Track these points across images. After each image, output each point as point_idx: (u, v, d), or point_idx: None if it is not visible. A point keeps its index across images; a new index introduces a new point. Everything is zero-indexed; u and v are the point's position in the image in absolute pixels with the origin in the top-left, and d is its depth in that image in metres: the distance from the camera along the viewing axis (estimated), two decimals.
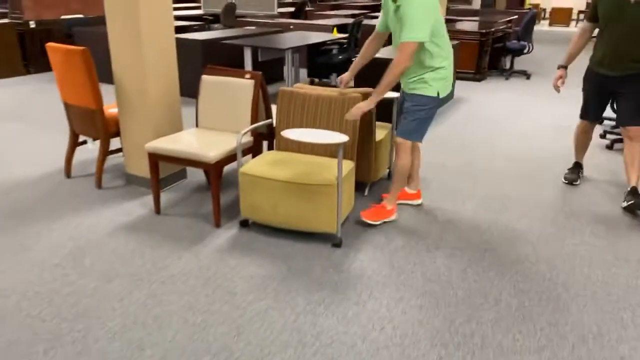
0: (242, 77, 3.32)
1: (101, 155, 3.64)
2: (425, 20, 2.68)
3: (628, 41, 3.25)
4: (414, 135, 3.02)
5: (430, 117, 3.01)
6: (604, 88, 3.49)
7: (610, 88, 3.46)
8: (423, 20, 2.67)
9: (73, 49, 3.35)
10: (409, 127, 2.99)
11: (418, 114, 2.96)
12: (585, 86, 3.62)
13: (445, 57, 2.90)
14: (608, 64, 3.38)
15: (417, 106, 2.95)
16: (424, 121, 2.99)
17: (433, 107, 2.97)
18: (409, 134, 3.01)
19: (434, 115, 3.04)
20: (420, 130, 3.02)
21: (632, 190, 3.38)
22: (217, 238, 2.99)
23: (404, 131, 3.01)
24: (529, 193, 3.69)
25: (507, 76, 8.14)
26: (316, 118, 3.18)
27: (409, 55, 2.71)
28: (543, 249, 2.93)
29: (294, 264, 2.74)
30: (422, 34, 2.68)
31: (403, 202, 3.47)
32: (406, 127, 3.00)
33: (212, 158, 2.95)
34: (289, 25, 9.01)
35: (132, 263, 2.73)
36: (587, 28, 3.53)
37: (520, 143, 4.83)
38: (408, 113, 2.98)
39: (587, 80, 3.59)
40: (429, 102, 2.94)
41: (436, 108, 3.01)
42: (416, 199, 3.48)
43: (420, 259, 2.80)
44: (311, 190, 2.80)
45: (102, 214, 3.29)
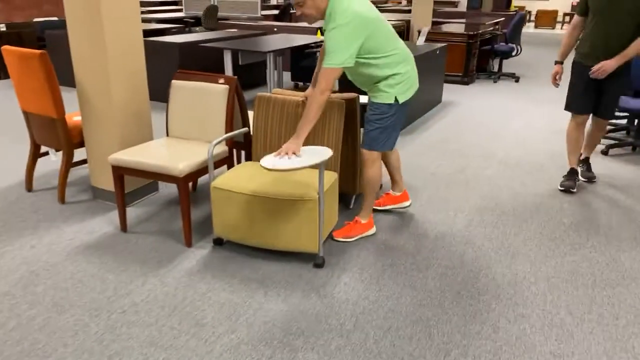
0: (216, 82, 3.06)
1: (64, 168, 3.35)
2: (346, 45, 2.47)
3: (617, 34, 3.27)
4: (378, 144, 2.79)
5: (393, 125, 2.78)
6: (591, 81, 3.46)
7: (597, 81, 3.45)
8: (343, 45, 2.46)
9: (30, 52, 3.06)
10: (371, 136, 2.78)
11: (379, 123, 2.74)
12: (572, 79, 3.59)
13: (396, 64, 2.67)
14: (596, 57, 3.36)
15: (376, 115, 2.74)
16: (386, 130, 2.76)
17: (395, 114, 2.75)
18: (372, 144, 2.79)
19: (399, 122, 2.82)
20: (383, 139, 2.79)
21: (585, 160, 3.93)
22: (187, 259, 2.72)
23: (367, 141, 2.80)
24: (525, 203, 3.47)
25: (496, 79, 7.96)
26: (295, 124, 2.93)
27: (329, 82, 2.51)
28: (542, 266, 2.71)
29: (272, 288, 2.48)
30: (340, 59, 2.47)
31: (392, 208, 3.27)
32: (368, 137, 2.79)
33: (180, 171, 2.68)
34: (273, 28, 8.77)
35: (91, 290, 2.45)
36: (578, 22, 3.53)
37: (513, 147, 4.62)
38: (368, 122, 2.77)
39: (574, 73, 3.57)
40: (388, 110, 2.72)
41: (400, 114, 2.78)
42: (404, 201, 3.28)
43: (410, 280, 2.56)
44: (290, 205, 2.55)
45: (62, 232, 3.00)
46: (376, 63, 2.62)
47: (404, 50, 2.73)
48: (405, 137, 4.90)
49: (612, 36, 3.28)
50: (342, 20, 2.43)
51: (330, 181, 2.76)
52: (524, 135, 5.05)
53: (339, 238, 2.91)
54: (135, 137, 3.31)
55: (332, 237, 2.92)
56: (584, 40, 3.45)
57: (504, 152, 4.52)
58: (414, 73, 2.79)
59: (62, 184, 3.38)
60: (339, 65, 2.48)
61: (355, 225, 2.95)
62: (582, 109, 3.59)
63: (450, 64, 7.40)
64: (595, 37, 3.35)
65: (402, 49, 2.71)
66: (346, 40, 2.46)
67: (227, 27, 9.32)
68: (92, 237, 2.95)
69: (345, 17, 2.43)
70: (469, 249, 2.87)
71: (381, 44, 2.59)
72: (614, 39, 3.28)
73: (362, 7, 2.49)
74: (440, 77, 6.22)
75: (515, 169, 4.12)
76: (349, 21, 2.44)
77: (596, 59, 3.36)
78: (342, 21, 2.43)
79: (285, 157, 2.47)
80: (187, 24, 9.75)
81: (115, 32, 3.04)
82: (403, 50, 2.71)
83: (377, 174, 2.87)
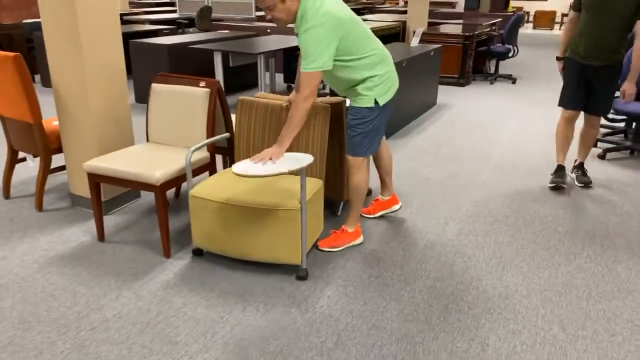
0: (197, 86, 2.95)
1: (41, 174, 3.24)
2: (323, 47, 2.35)
3: (610, 31, 3.30)
4: (362, 149, 2.68)
5: (376, 129, 2.67)
6: (582, 77, 3.50)
7: (588, 77, 3.49)
8: (320, 46, 2.35)
9: (3, 55, 2.95)
10: (354, 142, 2.67)
11: (360, 128, 2.63)
12: (565, 75, 3.62)
13: (374, 65, 2.56)
14: (588, 54, 3.41)
15: (356, 119, 2.63)
16: (368, 134, 2.65)
17: (376, 117, 2.64)
18: (356, 150, 2.68)
19: (382, 124, 2.71)
20: (367, 143, 2.68)
21: (580, 165, 3.87)
22: (164, 271, 2.61)
23: (351, 147, 2.70)
24: (519, 210, 3.36)
25: (492, 80, 7.85)
26: (279, 130, 2.81)
27: (312, 88, 2.39)
28: (535, 278, 2.59)
29: (251, 302, 2.36)
30: (319, 62, 2.36)
31: (383, 213, 3.17)
32: (352, 143, 2.68)
33: (157, 179, 2.57)
34: (266, 29, 8.65)
35: (61, 304, 2.33)
36: (574, 17, 3.56)
37: (508, 151, 4.51)
38: (350, 127, 2.67)
39: (566, 69, 3.60)
40: (369, 114, 2.61)
41: (382, 116, 2.67)
42: (394, 205, 3.19)
43: (396, 293, 2.44)
44: (270, 215, 2.43)
45: (37, 242, 2.88)
46: (352, 65, 2.51)
47: (382, 51, 2.61)
48: (397, 140, 4.78)
49: (602, 34, 3.32)
50: (316, 21, 2.32)
51: (315, 189, 2.64)
52: (520, 138, 4.93)
53: (324, 248, 2.80)
54: (115, 142, 3.20)
55: (317, 247, 2.80)
56: (576, 36, 3.49)
57: (499, 156, 4.41)
58: (394, 74, 2.68)
59: (40, 192, 3.26)
60: (318, 68, 2.36)
61: (341, 235, 2.83)
62: (571, 104, 3.61)
63: (446, 65, 7.29)
64: (586, 34, 3.39)
65: (379, 50, 2.60)
66: (322, 41, 2.34)
67: (221, 28, 9.21)
68: (68, 247, 2.83)
69: (319, 18, 2.32)
70: (459, 260, 2.75)
71: (357, 45, 2.48)
72: (603, 37, 3.33)
73: (335, 7, 2.38)
74: (435, 78, 6.10)
75: (509, 173, 4.00)
76: (323, 22, 2.32)
77: (587, 55, 3.41)
78: (316, 22, 2.32)
79: (260, 163, 2.35)
80: (181, 25, 9.64)
81: (91, 33, 2.92)
82: (381, 50, 2.60)
83: (363, 180, 2.76)
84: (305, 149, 2.81)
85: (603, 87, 3.48)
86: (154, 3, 14.39)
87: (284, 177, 2.70)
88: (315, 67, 2.35)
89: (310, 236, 2.61)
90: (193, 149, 2.59)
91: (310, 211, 2.54)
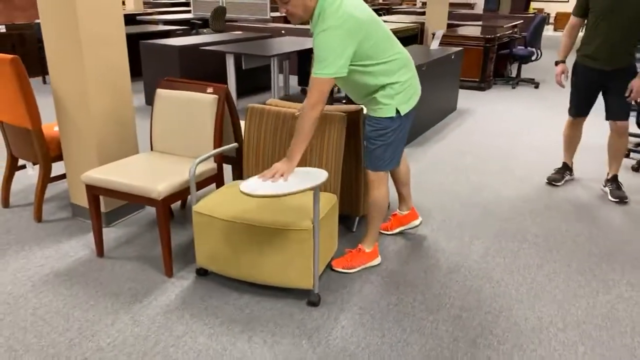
0: (204, 92, 2.75)
1: (40, 184, 3.07)
2: (339, 51, 2.13)
3: (621, 35, 3.23)
4: (383, 163, 2.46)
5: (397, 140, 2.44)
6: (594, 82, 3.43)
7: (601, 82, 3.41)
8: (336, 50, 2.12)
9: (1, 56, 2.78)
10: (375, 155, 2.45)
11: (381, 140, 2.40)
12: (574, 81, 3.56)
13: (395, 71, 2.33)
14: (601, 58, 3.32)
15: (377, 131, 2.40)
16: (390, 146, 2.43)
17: (397, 128, 2.40)
18: (377, 164, 2.46)
19: (405, 135, 2.48)
20: (388, 157, 2.46)
21: (613, 178, 3.61)
22: (165, 292, 2.41)
23: (371, 161, 2.47)
24: (549, 228, 3.11)
25: (514, 85, 7.57)
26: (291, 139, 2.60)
27: (321, 95, 2.17)
28: (571, 308, 2.35)
29: (257, 332, 2.15)
30: (333, 68, 2.13)
31: (402, 230, 2.95)
32: (372, 156, 2.46)
33: (159, 193, 2.37)
34: (281, 30, 8.47)
35: (53, 330, 2.15)
36: (576, 23, 3.47)
37: (534, 162, 4.25)
38: (368, 139, 2.44)
39: (575, 74, 3.53)
40: (390, 124, 2.38)
41: (404, 126, 2.44)
42: (414, 220, 2.95)
43: (418, 324, 2.22)
44: (280, 235, 2.22)
45: (33, 256, 2.71)
46: (371, 71, 2.28)
47: (405, 55, 2.39)
48: (415, 149, 4.55)
49: (613, 38, 3.24)
50: (334, 22, 2.10)
51: (329, 205, 2.43)
52: (546, 148, 4.67)
53: (338, 269, 2.58)
54: (118, 150, 3.02)
55: (331, 267, 2.59)
56: (586, 43, 3.39)
57: (524, 168, 4.15)
58: (416, 80, 2.45)
59: (39, 201, 3.09)
60: (331, 74, 2.14)
61: (357, 255, 2.61)
62: (579, 111, 3.60)
63: (466, 68, 7.03)
64: (598, 40, 3.29)
65: (402, 54, 2.37)
66: (339, 44, 2.12)
67: (235, 29, 9.04)
68: (64, 263, 2.65)
69: (338, 19, 2.10)
70: (486, 285, 2.51)
71: (377, 49, 2.26)
72: (615, 41, 3.25)
73: (355, 8, 2.16)
74: (455, 83, 5.85)
75: (537, 187, 3.75)
76: (342, 23, 2.10)
77: (600, 59, 3.32)
78: (334, 23, 2.10)
79: (269, 180, 2.14)
80: (195, 26, 9.49)
81: (92, 34, 2.74)
82: (403, 55, 2.38)
83: (383, 196, 2.54)
84: (319, 160, 2.60)
85: (618, 91, 3.34)
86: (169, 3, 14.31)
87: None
88: (328, 72, 2.14)
89: (323, 257, 2.39)
90: (197, 161, 2.39)
91: (323, 230, 2.33)
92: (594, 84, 3.44)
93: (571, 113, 3.65)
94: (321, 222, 2.27)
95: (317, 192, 2.15)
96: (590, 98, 3.52)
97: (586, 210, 3.37)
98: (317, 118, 2.21)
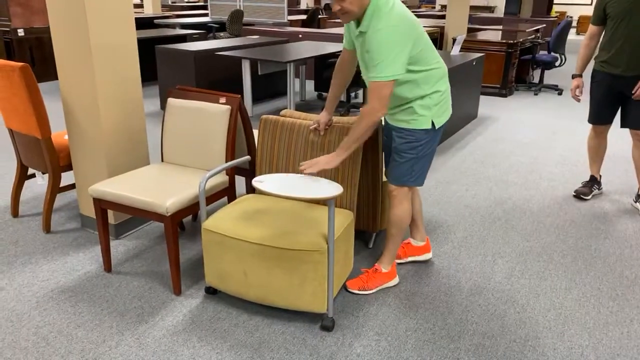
0: (216, 102, 2.65)
1: (49, 194, 3.00)
2: (398, 51, 2.01)
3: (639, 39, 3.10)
4: (411, 178, 2.33)
5: (428, 155, 2.32)
6: (614, 89, 3.31)
7: (620, 89, 3.27)
8: (395, 50, 2.00)
9: (10, 64, 2.72)
10: (402, 169, 2.31)
11: (412, 153, 2.27)
12: (593, 89, 3.44)
13: (437, 79, 2.21)
14: (620, 63, 3.21)
15: (408, 143, 2.27)
16: (420, 160, 2.30)
17: (430, 141, 2.28)
18: (404, 178, 2.33)
19: (433, 151, 2.35)
20: (417, 171, 2.32)
21: None
22: (173, 312, 2.31)
23: (396, 176, 2.34)
24: (576, 246, 2.94)
25: (537, 91, 7.36)
26: (307, 152, 2.49)
27: (383, 99, 2.03)
28: (603, 338, 2.19)
29: (267, 358, 2.04)
30: (392, 69, 2.00)
31: (413, 260, 2.75)
32: (398, 171, 2.32)
33: (167, 209, 2.27)
34: (298, 34, 8.38)
35: (54, 352, 2.06)
36: (596, 32, 3.37)
37: (559, 174, 4.07)
38: (398, 152, 2.31)
39: (595, 82, 3.42)
40: (423, 137, 2.25)
41: (435, 141, 2.31)
42: (426, 253, 2.77)
43: (438, 353, 2.08)
44: (293, 257, 2.10)
45: (39, 270, 2.63)
46: (414, 78, 2.15)
47: (443, 65, 2.27)
48: (435, 158, 4.40)
49: (631, 42, 3.13)
50: (392, 21, 1.98)
51: (345, 223, 2.31)
52: (571, 159, 4.48)
53: (354, 290, 2.45)
54: (128, 160, 2.93)
55: (346, 288, 2.46)
56: (604, 48, 3.30)
57: (549, 180, 3.98)
58: (449, 89, 2.33)
59: (48, 212, 3.02)
60: (390, 76, 2.00)
61: (374, 275, 2.49)
62: (600, 119, 3.46)
63: (487, 74, 6.86)
64: (617, 45, 3.19)
65: (441, 64, 2.26)
66: (397, 43, 1.99)
67: (252, 32, 8.97)
68: (70, 278, 2.57)
69: (394, 18, 1.99)
70: (510, 310, 2.37)
71: (423, 55, 2.13)
72: (633, 45, 3.13)
73: (407, 11, 2.06)
74: (476, 89, 5.69)
75: (563, 202, 3.58)
76: (399, 22, 1.99)
77: (619, 65, 3.21)
78: (392, 22, 1.98)
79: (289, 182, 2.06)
80: (212, 30, 9.45)
81: (103, 42, 2.66)
82: (442, 64, 2.26)
83: (407, 214, 2.41)
84: (335, 173, 2.46)
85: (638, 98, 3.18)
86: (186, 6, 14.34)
87: (309, 209, 2.37)
88: (387, 75, 1.99)
89: (338, 278, 2.27)
90: (207, 176, 2.28)
91: (339, 249, 2.21)
92: (613, 90, 3.31)
93: (590, 120, 3.52)
94: (336, 242, 2.15)
95: (332, 209, 2.03)
96: (611, 105, 3.38)
97: (616, 227, 3.19)
98: (377, 123, 2.09)
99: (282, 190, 2.00)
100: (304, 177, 2.14)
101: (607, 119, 3.45)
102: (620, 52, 3.19)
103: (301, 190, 2.01)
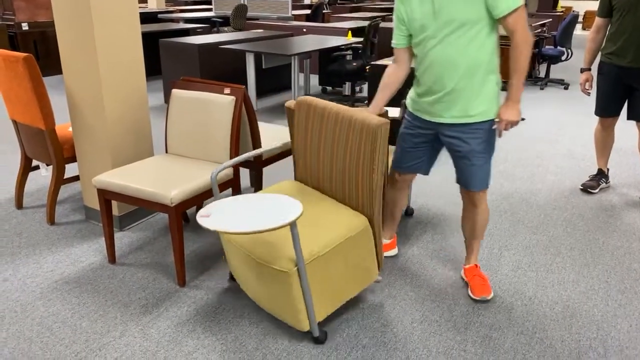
0: (221, 93, 2.63)
1: (53, 185, 2.99)
2: None
3: None
4: (489, 177, 2.23)
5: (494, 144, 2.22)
6: (621, 81, 3.27)
7: (628, 80, 3.24)
8: None
9: (14, 55, 2.70)
10: (484, 170, 2.18)
11: (489, 151, 2.15)
12: (600, 81, 3.41)
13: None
14: (627, 54, 3.17)
15: (486, 141, 2.13)
16: (491, 153, 2.20)
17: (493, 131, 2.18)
18: (486, 180, 2.22)
19: None
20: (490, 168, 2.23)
21: None
22: (177, 303, 2.30)
23: (482, 178, 2.20)
24: (584, 239, 2.91)
25: (542, 86, 7.31)
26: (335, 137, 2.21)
27: (525, 25, 1.95)
28: (612, 331, 2.16)
29: (272, 350, 2.02)
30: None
31: None
32: (483, 172, 2.18)
33: (171, 200, 2.26)
34: (302, 29, 8.34)
35: (59, 341, 2.05)
36: (602, 24, 3.33)
37: (566, 168, 4.04)
38: (475, 155, 2.13)
39: (602, 74, 3.38)
40: (489, 127, 2.13)
41: None
42: (393, 249, 2.70)
43: (444, 345, 2.06)
44: (265, 271, 1.96)
45: (43, 261, 2.63)
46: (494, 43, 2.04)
47: None
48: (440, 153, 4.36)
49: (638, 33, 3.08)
50: None
51: (353, 230, 2.05)
52: (578, 154, 4.44)
53: (484, 296, 2.33)
54: (132, 152, 2.92)
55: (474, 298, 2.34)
56: (611, 39, 3.26)
57: (556, 174, 3.94)
58: None
59: (52, 203, 3.01)
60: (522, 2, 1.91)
61: (484, 279, 2.41)
62: (608, 111, 3.42)
63: None
64: (624, 36, 3.15)
65: None
66: None
67: (256, 27, 8.95)
68: (75, 269, 2.56)
69: None
70: (517, 302, 2.34)
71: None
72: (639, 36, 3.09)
73: None
74: None
75: (570, 195, 3.55)
76: None
77: (627, 57, 3.17)
78: None
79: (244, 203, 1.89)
80: (215, 24, 9.42)
81: (107, 34, 2.64)
82: None
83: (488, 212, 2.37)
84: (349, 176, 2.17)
85: None
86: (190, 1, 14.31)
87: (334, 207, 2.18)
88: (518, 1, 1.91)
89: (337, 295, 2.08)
90: (220, 168, 2.20)
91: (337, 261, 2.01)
92: (620, 82, 3.27)
93: (597, 113, 3.48)
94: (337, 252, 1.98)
95: (295, 230, 1.80)
96: (618, 97, 3.34)
97: (623, 220, 3.16)
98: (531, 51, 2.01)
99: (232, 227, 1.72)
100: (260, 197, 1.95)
101: (615, 111, 3.41)
102: (627, 44, 3.16)
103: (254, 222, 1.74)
